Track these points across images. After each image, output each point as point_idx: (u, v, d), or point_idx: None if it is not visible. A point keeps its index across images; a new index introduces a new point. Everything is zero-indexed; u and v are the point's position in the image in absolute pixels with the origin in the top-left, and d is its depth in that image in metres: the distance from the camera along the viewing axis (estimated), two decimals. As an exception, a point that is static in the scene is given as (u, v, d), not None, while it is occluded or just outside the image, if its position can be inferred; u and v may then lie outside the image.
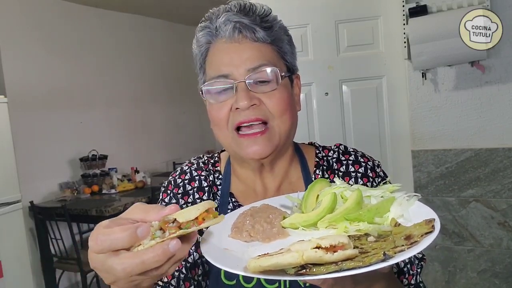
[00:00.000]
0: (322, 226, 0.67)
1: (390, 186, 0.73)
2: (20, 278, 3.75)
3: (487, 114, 2.19)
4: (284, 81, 0.85)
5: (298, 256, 0.52)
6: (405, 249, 0.54)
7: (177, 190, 0.95)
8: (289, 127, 0.86)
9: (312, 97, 2.42)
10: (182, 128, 6.40)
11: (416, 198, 0.69)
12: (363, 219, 0.66)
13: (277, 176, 0.92)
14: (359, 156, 0.96)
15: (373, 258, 0.52)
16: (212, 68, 0.86)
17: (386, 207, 0.68)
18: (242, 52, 0.83)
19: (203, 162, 0.99)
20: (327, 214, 0.68)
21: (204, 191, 0.93)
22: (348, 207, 0.67)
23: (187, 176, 0.96)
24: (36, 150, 4.35)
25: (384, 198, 0.70)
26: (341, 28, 2.36)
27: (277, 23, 0.88)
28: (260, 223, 0.71)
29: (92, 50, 5.10)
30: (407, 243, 0.56)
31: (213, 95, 0.85)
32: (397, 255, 0.53)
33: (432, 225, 0.59)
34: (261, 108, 0.82)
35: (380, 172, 0.95)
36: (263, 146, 0.82)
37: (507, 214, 2.18)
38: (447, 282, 2.33)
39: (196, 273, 0.89)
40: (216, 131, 0.87)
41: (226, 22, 0.84)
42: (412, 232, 0.58)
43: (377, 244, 0.59)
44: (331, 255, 0.52)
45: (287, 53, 0.89)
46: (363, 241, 0.61)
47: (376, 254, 0.54)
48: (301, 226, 0.69)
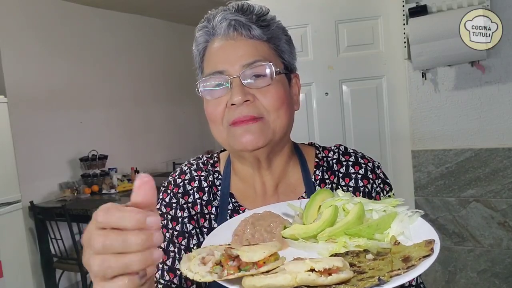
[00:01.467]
0: (321, 239, 0.66)
1: (393, 200, 0.72)
2: (20, 278, 3.75)
3: (487, 114, 2.19)
4: (279, 78, 0.85)
5: (292, 278, 0.52)
6: (401, 273, 0.54)
7: (177, 190, 0.95)
8: (284, 124, 0.85)
9: (312, 97, 2.42)
10: (182, 128, 6.40)
11: (418, 215, 0.68)
12: (363, 234, 0.65)
13: (275, 173, 0.92)
14: (359, 157, 0.96)
15: (368, 283, 0.52)
16: (208, 66, 0.86)
17: (387, 223, 0.67)
18: (237, 49, 0.83)
19: (202, 162, 0.99)
20: (327, 227, 0.68)
21: (204, 191, 0.93)
22: (349, 221, 0.67)
23: (187, 177, 0.96)
24: (36, 150, 4.35)
25: (386, 212, 0.70)
26: (341, 28, 2.36)
27: (275, 22, 0.89)
28: (260, 232, 0.71)
29: (92, 50, 5.10)
30: (404, 266, 0.55)
31: (209, 91, 0.85)
32: (392, 279, 0.53)
33: (431, 247, 0.58)
34: (256, 104, 0.82)
35: (380, 174, 0.95)
36: (256, 135, 0.82)
37: (507, 214, 2.18)
38: (447, 282, 2.33)
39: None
40: (212, 127, 0.88)
41: (222, 20, 0.84)
42: (411, 254, 0.58)
43: (375, 263, 0.58)
44: (324, 279, 0.52)
45: (284, 52, 0.89)
46: (361, 258, 0.60)
47: (371, 276, 0.53)
48: (301, 237, 0.68)
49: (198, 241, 0.89)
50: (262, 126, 0.82)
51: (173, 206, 0.93)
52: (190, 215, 0.91)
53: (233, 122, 0.82)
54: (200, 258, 0.57)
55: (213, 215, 0.91)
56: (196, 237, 0.90)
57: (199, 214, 0.91)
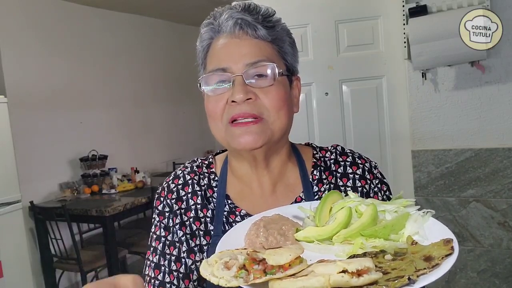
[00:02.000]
0: (337, 241, 0.66)
1: (404, 200, 0.73)
2: (20, 278, 3.74)
3: (487, 114, 2.19)
4: (281, 79, 0.85)
5: (325, 280, 0.52)
6: (427, 272, 0.55)
7: (170, 196, 0.95)
8: (284, 125, 0.85)
9: (312, 97, 2.42)
10: (182, 128, 6.40)
11: (430, 214, 0.69)
12: (379, 235, 0.65)
13: (272, 174, 0.92)
14: (357, 157, 0.96)
15: (398, 283, 0.52)
16: (211, 62, 0.87)
17: (402, 224, 0.68)
18: (241, 47, 0.84)
19: (197, 165, 0.99)
20: (342, 229, 0.68)
21: (197, 195, 0.93)
22: (364, 222, 0.67)
23: (180, 181, 0.96)
24: (36, 150, 4.35)
25: (398, 213, 0.70)
26: (341, 28, 2.36)
27: (280, 24, 0.89)
28: (273, 235, 0.70)
29: (92, 50, 5.10)
30: (429, 265, 0.56)
31: (211, 87, 0.85)
32: (420, 278, 0.54)
33: (451, 246, 0.59)
34: (257, 103, 0.82)
35: (377, 174, 0.96)
36: (255, 136, 0.82)
37: (507, 214, 2.18)
38: (447, 282, 2.33)
39: (191, 279, 0.88)
40: (211, 124, 0.88)
41: (229, 19, 0.85)
42: (431, 253, 0.58)
43: (396, 263, 0.58)
44: (357, 279, 0.52)
45: (287, 54, 0.89)
46: (380, 259, 0.60)
47: (398, 276, 0.54)
48: (315, 240, 0.68)
49: (188, 247, 0.90)
50: (262, 127, 0.82)
51: (165, 215, 0.94)
52: (182, 221, 0.92)
53: (233, 118, 0.82)
54: (223, 263, 0.56)
55: (208, 218, 0.91)
56: (186, 243, 0.90)
57: (193, 218, 0.91)
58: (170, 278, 0.89)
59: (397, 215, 0.69)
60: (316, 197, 0.90)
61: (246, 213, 0.89)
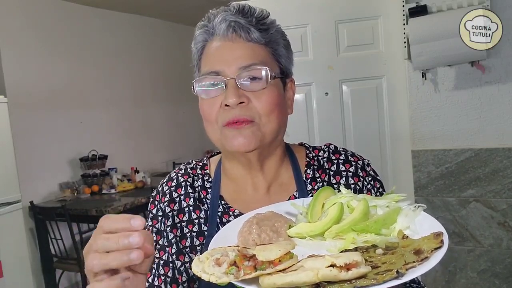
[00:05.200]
0: (329, 236, 0.67)
1: (395, 195, 0.73)
2: (20, 278, 3.75)
3: (487, 114, 2.19)
4: (275, 82, 0.86)
5: (314, 274, 0.52)
6: (416, 265, 0.55)
7: (164, 199, 0.95)
8: (276, 127, 0.86)
9: (312, 97, 2.42)
10: (182, 128, 6.40)
11: (421, 209, 0.69)
12: (370, 230, 0.66)
13: (267, 175, 0.92)
14: (349, 155, 0.97)
15: (387, 276, 0.53)
16: (205, 65, 0.87)
17: (393, 218, 0.68)
18: (235, 50, 0.84)
19: (191, 167, 0.99)
20: (334, 224, 0.68)
21: (190, 197, 0.93)
22: (356, 217, 0.67)
23: (173, 183, 0.97)
24: (36, 150, 4.35)
25: (389, 208, 0.71)
26: (341, 28, 2.36)
27: (274, 26, 0.89)
28: (266, 232, 0.71)
29: (92, 50, 5.10)
30: (418, 258, 0.56)
31: (204, 90, 0.85)
32: (409, 271, 0.54)
33: (440, 239, 0.59)
34: (249, 107, 0.82)
35: (370, 171, 0.96)
36: (247, 139, 0.82)
37: (507, 214, 2.18)
38: (447, 282, 2.33)
39: (180, 282, 0.89)
40: (206, 126, 0.88)
41: (222, 21, 0.85)
42: (421, 247, 0.59)
43: (386, 257, 0.59)
44: (345, 273, 0.52)
45: (282, 56, 0.90)
46: (371, 253, 0.61)
47: (387, 270, 0.54)
48: (307, 236, 0.68)
49: (177, 249, 0.90)
50: (254, 130, 0.83)
51: (158, 219, 0.94)
52: (173, 223, 0.92)
53: (227, 123, 0.83)
54: (214, 259, 0.57)
55: (202, 219, 0.91)
56: (175, 245, 0.90)
57: (186, 222, 0.91)
58: (158, 282, 0.90)
59: (388, 210, 0.70)
60: (310, 195, 0.90)
61: (239, 213, 0.89)
